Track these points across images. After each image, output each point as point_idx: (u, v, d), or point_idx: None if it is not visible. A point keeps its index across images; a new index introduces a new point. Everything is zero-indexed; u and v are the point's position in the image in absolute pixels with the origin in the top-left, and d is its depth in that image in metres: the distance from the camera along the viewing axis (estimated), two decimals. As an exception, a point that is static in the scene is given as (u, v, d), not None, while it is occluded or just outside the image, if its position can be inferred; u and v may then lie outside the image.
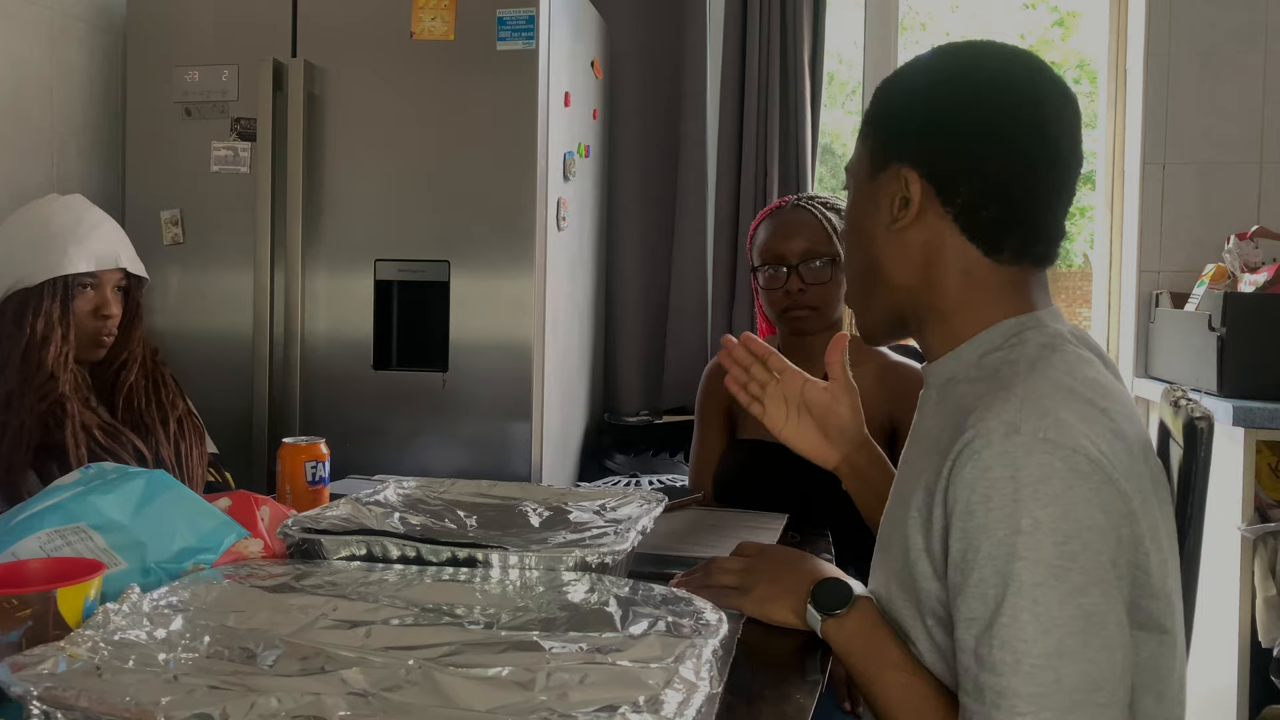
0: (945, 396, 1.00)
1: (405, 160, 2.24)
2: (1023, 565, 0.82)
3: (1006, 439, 0.85)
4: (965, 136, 0.97)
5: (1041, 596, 0.81)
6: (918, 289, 1.01)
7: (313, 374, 2.29)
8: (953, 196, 0.97)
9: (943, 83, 1.00)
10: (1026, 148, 0.97)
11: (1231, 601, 2.21)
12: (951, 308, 1.00)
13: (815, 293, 1.78)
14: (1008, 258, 0.98)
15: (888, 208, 1.01)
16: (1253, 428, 2.15)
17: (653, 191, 2.93)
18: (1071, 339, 0.97)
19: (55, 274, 1.66)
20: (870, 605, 1.00)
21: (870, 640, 0.96)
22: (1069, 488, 0.83)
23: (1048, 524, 0.82)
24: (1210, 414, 1.02)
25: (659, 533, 1.45)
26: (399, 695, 0.79)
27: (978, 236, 0.98)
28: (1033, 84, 0.98)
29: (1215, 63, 2.74)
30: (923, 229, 0.99)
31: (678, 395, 2.88)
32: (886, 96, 1.05)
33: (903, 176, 0.99)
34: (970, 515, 0.86)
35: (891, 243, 1.01)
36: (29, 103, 2.28)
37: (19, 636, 0.88)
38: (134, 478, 1.15)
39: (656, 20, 2.91)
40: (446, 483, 1.53)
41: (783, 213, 1.85)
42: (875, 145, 1.04)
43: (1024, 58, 1.00)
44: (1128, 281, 2.87)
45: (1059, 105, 0.98)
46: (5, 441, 1.58)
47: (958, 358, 1.00)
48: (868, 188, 1.04)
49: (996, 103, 0.97)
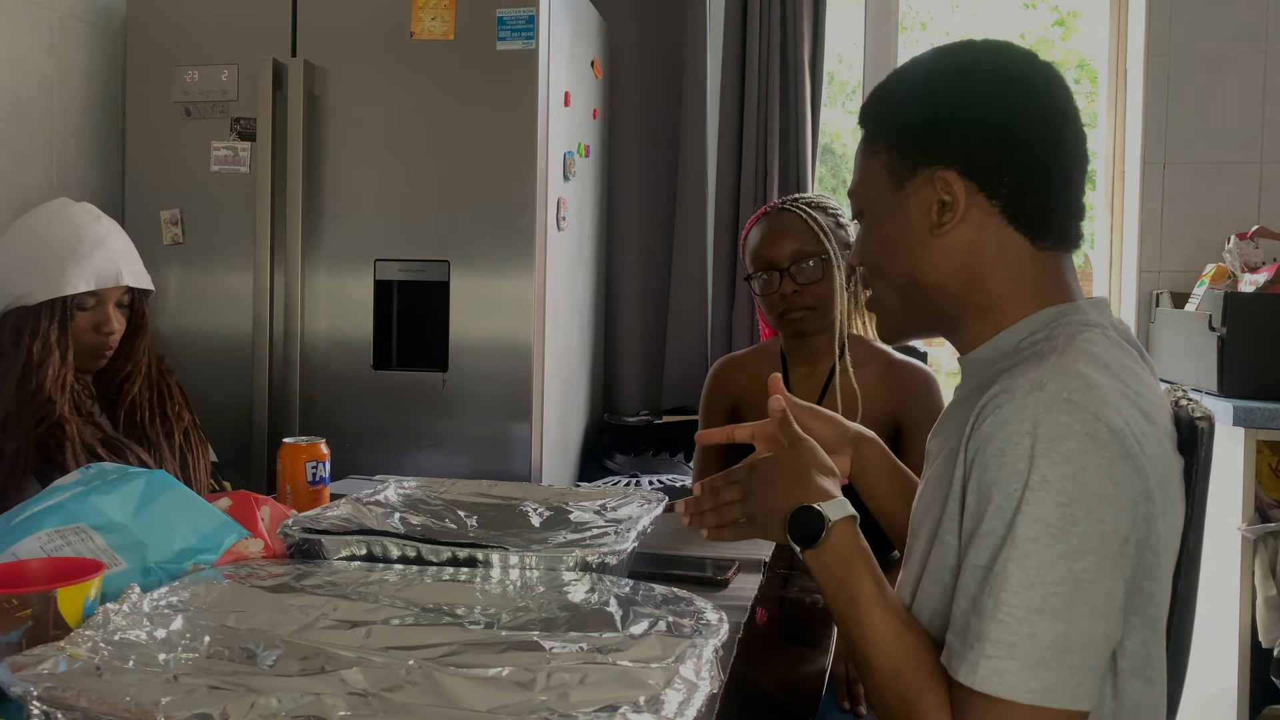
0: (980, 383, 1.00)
1: (405, 160, 2.24)
2: (1022, 519, 0.83)
3: (1029, 394, 0.85)
4: (994, 126, 0.97)
5: (1033, 551, 0.82)
6: (959, 289, 1.00)
7: (313, 374, 2.29)
8: (996, 188, 0.97)
9: (954, 81, 1.00)
10: (1051, 127, 0.98)
11: (1231, 601, 2.21)
12: (993, 303, 1.00)
13: (810, 292, 1.78)
14: (1051, 243, 0.99)
15: (924, 215, 0.99)
16: (1253, 428, 2.15)
17: (653, 191, 2.93)
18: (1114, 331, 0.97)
19: (54, 295, 1.62)
20: (846, 533, 0.97)
21: (846, 569, 0.94)
22: (1083, 451, 0.83)
23: (1055, 483, 0.83)
24: (1211, 414, 1.02)
25: (659, 533, 1.45)
26: (399, 695, 0.79)
27: (1024, 224, 0.98)
28: (1033, 66, 1.00)
29: (1215, 63, 2.74)
30: (968, 227, 0.98)
31: (678, 395, 2.88)
32: (893, 107, 1.04)
33: (939, 179, 0.98)
34: (985, 468, 0.86)
35: (933, 249, 1.00)
36: (29, 103, 2.28)
37: (19, 636, 0.88)
38: (134, 478, 1.15)
39: (656, 20, 2.91)
40: (447, 483, 1.53)
41: (769, 217, 1.85)
42: (894, 157, 1.02)
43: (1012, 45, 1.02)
44: (1128, 281, 2.87)
45: (1061, 83, 1.00)
46: (2, 466, 1.55)
47: (996, 345, 1.00)
48: (892, 200, 1.02)
49: (1012, 88, 0.98)
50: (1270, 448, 2.30)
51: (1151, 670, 0.90)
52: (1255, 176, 2.74)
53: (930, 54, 1.05)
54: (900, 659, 0.90)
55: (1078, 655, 0.82)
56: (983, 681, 0.82)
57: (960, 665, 0.84)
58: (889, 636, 0.91)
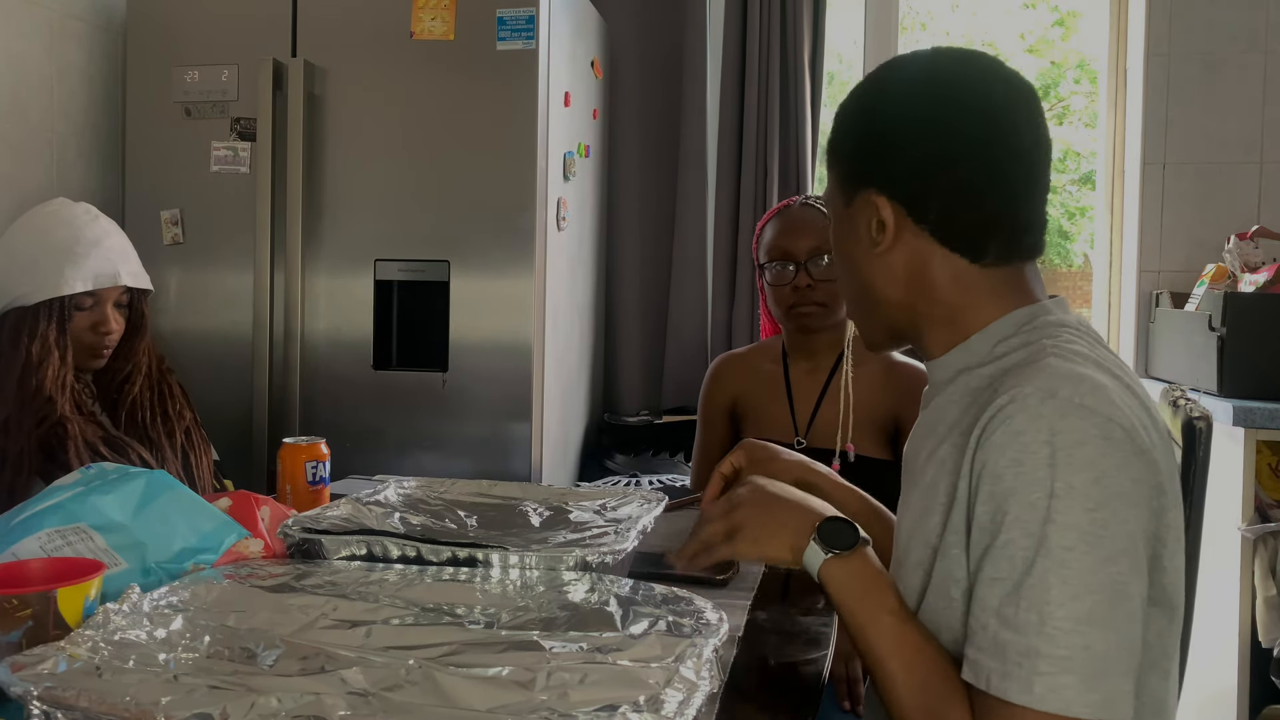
0: (957, 386, 0.99)
1: (405, 160, 2.24)
2: (1054, 529, 0.82)
3: (1043, 403, 0.85)
4: (921, 151, 0.96)
5: (1072, 561, 0.81)
6: (912, 303, 1.01)
7: (313, 374, 2.29)
8: (924, 213, 0.97)
9: (889, 101, 1.00)
10: (985, 148, 0.96)
11: (1231, 601, 2.21)
12: (949, 314, 0.99)
13: (823, 290, 1.79)
14: (993, 260, 0.98)
15: (866, 233, 1.00)
16: (1253, 428, 2.15)
17: (653, 191, 2.93)
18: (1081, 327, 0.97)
19: (52, 295, 1.62)
20: (870, 548, 0.97)
21: (872, 582, 0.94)
22: (1103, 454, 0.83)
23: (1081, 489, 0.82)
24: (1209, 414, 1.03)
25: (659, 533, 1.45)
26: (399, 695, 0.79)
27: (959, 246, 0.97)
28: (980, 81, 0.97)
29: (1215, 63, 2.74)
30: (903, 249, 0.99)
31: (678, 395, 2.88)
32: (841, 124, 1.05)
33: (872, 202, 0.99)
34: (999, 479, 0.85)
35: (877, 265, 1.01)
36: (29, 103, 2.28)
37: (19, 636, 0.88)
38: (134, 478, 1.15)
39: (656, 20, 2.91)
40: (447, 483, 1.53)
41: (790, 211, 1.86)
42: (840, 174, 1.04)
43: (970, 57, 1.00)
44: (1128, 281, 2.87)
45: (1010, 97, 0.97)
46: (6, 469, 1.55)
47: (968, 349, 0.99)
48: (845, 214, 1.03)
49: (945, 110, 0.96)
50: (1270, 448, 2.30)
51: (1168, 662, 0.90)
52: (1255, 176, 2.74)
53: (878, 70, 1.05)
54: (925, 671, 0.89)
55: (1126, 662, 0.81)
56: (1040, 700, 0.80)
57: (1009, 684, 0.81)
58: (913, 649, 0.90)
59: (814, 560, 0.97)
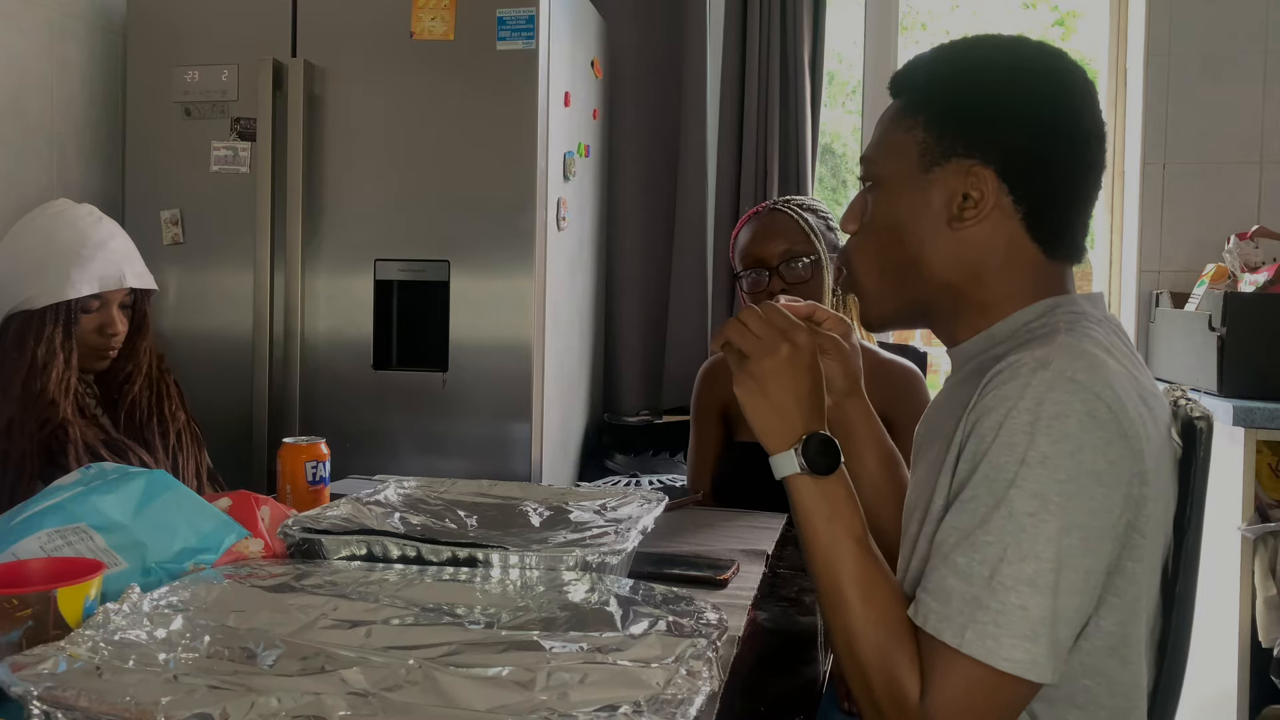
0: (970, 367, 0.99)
1: (405, 160, 2.24)
2: (1018, 493, 0.83)
3: (1034, 373, 0.85)
4: (1043, 134, 0.95)
5: (1029, 525, 0.83)
6: (960, 285, 0.98)
7: (313, 374, 2.29)
8: (1025, 195, 0.95)
9: (1014, 78, 0.97)
10: (1088, 148, 0.97)
11: (1231, 601, 2.21)
12: (992, 300, 0.98)
13: (798, 292, 1.79)
14: (1061, 255, 0.98)
15: (946, 204, 0.96)
16: (1253, 428, 2.15)
17: (653, 191, 2.93)
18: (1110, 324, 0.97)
19: (58, 299, 1.62)
20: (846, 473, 0.95)
21: (843, 505, 0.93)
22: (1082, 429, 0.83)
23: (1055, 460, 0.83)
24: (1209, 414, 1.02)
25: (659, 533, 1.45)
26: (399, 695, 0.79)
27: (1040, 235, 0.97)
28: (1084, 81, 0.98)
29: (1215, 63, 2.74)
30: (985, 228, 0.96)
31: (678, 395, 2.88)
32: (950, 84, 0.98)
33: (974, 173, 0.95)
34: (982, 439, 0.87)
35: (944, 241, 0.97)
36: (29, 103, 2.28)
37: (19, 636, 0.88)
38: (134, 478, 1.15)
39: (656, 20, 2.91)
40: (447, 482, 1.53)
41: (760, 217, 1.86)
42: (931, 137, 0.97)
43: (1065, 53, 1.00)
44: (1128, 281, 2.87)
45: (1098, 102, 0.99)
46: (8, 471, 1.55)
47: (991, 336, 0.99)
48: (916, 181, 0.98)
49: (1066, 100, 0.96)
50: (1270, 448, 2.30)
51: (1128, 650, 0.91)
52: (1255, 176, 2.74)
53: (986, 42, 1.01)
54: (884, 606, 0.89)
55: (1062, 630, 0.83)
56: (968, 645, 0.83)
57: (944, 626, 0.84)
58: (873, 582, 0.91)
59: (785, 465, 0.95)
